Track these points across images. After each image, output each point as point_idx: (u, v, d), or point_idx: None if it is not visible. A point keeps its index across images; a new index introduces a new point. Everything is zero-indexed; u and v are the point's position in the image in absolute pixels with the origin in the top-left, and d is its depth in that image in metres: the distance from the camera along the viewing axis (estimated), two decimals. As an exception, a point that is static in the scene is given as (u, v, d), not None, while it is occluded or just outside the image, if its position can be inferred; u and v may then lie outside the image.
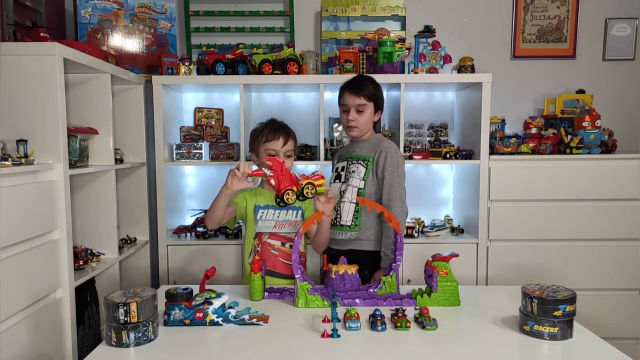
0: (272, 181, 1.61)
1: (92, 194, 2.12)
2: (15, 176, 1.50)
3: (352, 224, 2.01)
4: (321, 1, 2.74)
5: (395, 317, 1.42)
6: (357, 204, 1.99)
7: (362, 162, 2.03)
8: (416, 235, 2.47)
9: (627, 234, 2.42)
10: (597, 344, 1.33)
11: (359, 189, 2.01)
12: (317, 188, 1.65)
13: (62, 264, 1.72)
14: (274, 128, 1.90)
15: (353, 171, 2.03)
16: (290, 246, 1.86)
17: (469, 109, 2.55)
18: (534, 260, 2.42)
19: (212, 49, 2.66)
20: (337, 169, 2.12)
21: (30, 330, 1.55)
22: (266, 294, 1.67)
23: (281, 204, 1.64)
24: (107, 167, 2.12)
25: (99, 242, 2.13)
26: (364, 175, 2.01)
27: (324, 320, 1.44)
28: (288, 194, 1.61)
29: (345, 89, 2.05)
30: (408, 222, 2.41)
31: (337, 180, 2.08)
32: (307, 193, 1.63)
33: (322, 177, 1.68)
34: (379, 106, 2.06)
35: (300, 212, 1.90)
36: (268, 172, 1.61)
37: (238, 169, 1.64)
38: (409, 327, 1.40)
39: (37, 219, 1.59)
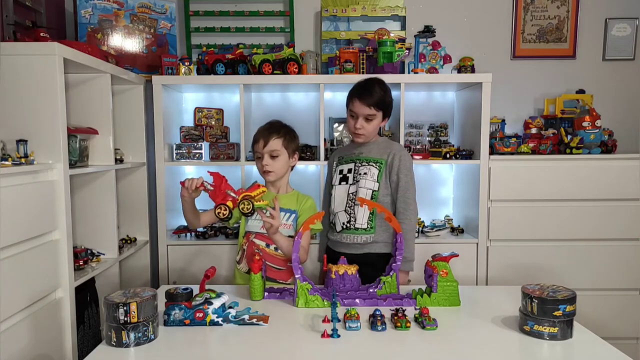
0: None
1: (92, 194, 2.12)
2: (15, 176, 1.50)
3: (367, 227, 1.98)
4: (321, 1, 2.74)
5: (395, 317, 1.43)
6: None
7: (373, 164, 2.01)
8: (416, 235, 2.47)
9: (627, 234, 2.42)
10: (597, 344, 1.33)
11: (373, 190, 1.99)
12: (253, 203, 1.65)
13: (62, 264, 1.72)
14: (260, 129, 1.93)
15: (365, 173, 2.00)
16: (275, 248, 1.86)
17: (469, 109, 2.55)
18: (534, 260, 2.42)
19: (212, 49, 2.66)
20: (341, 170, 2.08)
21: (30, 330, 1.55)
22: (266, 294, 1.67)
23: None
24: (107, 167, 2.12)
25: (99, 242, 2.13)
26: (377, 176, 2.00)
27: (324, 320, 1.44)
28: (220, 208, 1.63)
29: (356, 97, 1.98)
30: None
31: (342, 183, 2.05)
32: (242, 209, 1.64)
33: (259, 186, 1.69)
34: (387, 113, 2.04)
35: (294, 215, 1.89)
36: (209, 186, 1.66)
37: (189, 181, 1.70)
38: (409, 327, 1.40)
39: (37, 219, 1.59)
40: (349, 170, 2.05)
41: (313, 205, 1.94)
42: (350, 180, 2.03)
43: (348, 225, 2.00)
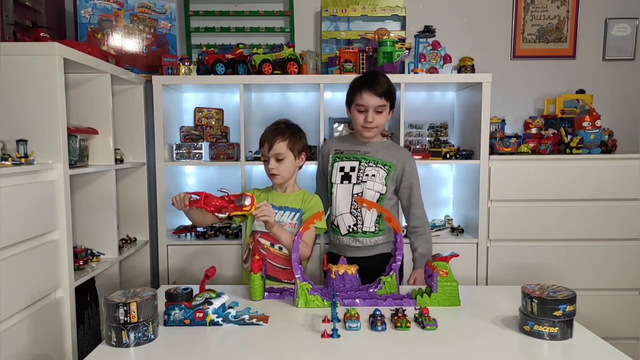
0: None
1: (92, 194, 2.12)
2: (15, 176, 1.50)
3: (375, 229, 1.97)
4: (321, 1, 2.74)
5: (395, 317, 1.43)
6: None
7: (381, 166, 1.98)
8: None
9: (627, 234, 2.42)
10: (597, 344, 1.33)
11: (380, 193, 1.97)
12: (243, 211, 1.62)
13: (62, 264, 1.72)
14: (266, 132, 1.93)
15: (373, 175, 1.97)
16: (280, 248, 1.86)
17: (469, 109, 2.55)
18: (534, 260, 2.42)
19: (212, 49, 2.66)
20: (342, 167, 2.01)
21: (30, 330, 1.55)
22: (266, 294, 1.67)
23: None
24: (107, 167, 2.12)
25: (99, 242, 2.13)
26: (385, 179, 1.98)
27: (324, 320, 1.44)
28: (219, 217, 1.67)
29: (365, 88, 1.93)
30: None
31: (345, 182, 2.00)
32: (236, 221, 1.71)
33: (243, 196, 1.65)
34: (393, 105, 2.01)
35: (298, 214, 1.89)
36: (195, 197, 1.65)
37: (176, 199, 1.70)
38: (409, 327, 1.40)
39: (37, 219, 1.59)
40: (352, 169, 2.00)
41: (318, 203, 1.92)
42: (354, 180, 1.99)
43: (355, 228, 1.98)
